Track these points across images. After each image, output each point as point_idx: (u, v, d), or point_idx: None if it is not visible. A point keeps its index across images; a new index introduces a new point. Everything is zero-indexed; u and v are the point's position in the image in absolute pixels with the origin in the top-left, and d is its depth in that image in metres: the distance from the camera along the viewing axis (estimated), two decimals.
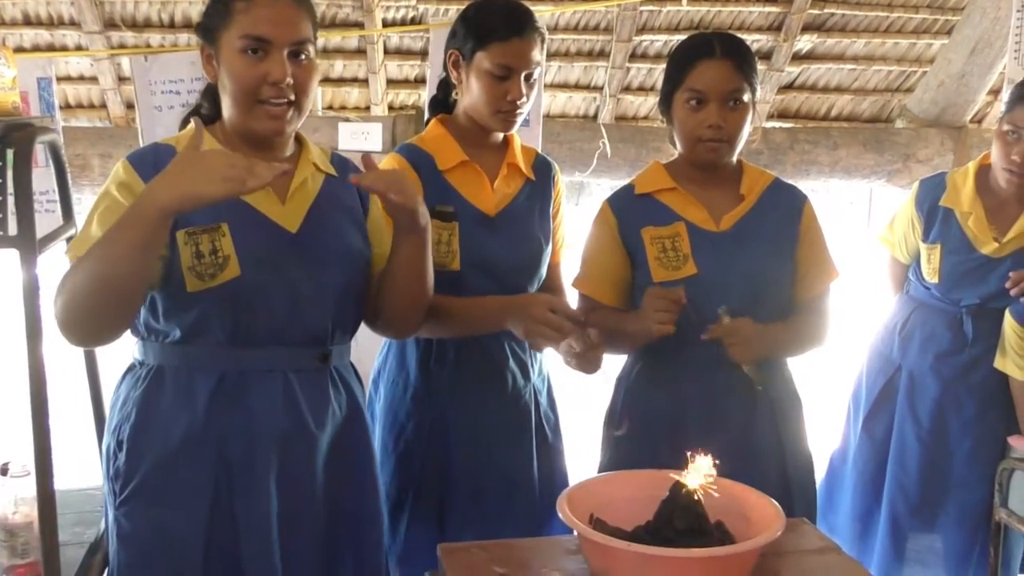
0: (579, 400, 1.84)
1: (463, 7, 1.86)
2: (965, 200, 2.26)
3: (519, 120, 1.82)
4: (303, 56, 1.46)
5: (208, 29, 1.47)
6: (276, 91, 1.43)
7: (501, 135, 1.89)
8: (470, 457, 1.85)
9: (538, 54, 1.78)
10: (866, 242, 2.62)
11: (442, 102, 1.92)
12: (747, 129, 1.81)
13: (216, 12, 1.46)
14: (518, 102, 1.77)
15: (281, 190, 1.50)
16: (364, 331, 1.70)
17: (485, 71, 1.76)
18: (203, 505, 1.45)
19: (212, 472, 1.45)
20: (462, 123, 1.86)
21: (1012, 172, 2.16)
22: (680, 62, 1.80)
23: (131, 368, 1.54)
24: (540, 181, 1.94)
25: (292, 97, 1.45)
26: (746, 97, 1.77)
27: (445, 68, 1.85)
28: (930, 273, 2.30)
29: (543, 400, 1.96)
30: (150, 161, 1.44)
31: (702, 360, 1.78)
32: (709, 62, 1.75)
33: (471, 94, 1.80)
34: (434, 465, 1.86)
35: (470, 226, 1.82)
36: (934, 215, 2.31)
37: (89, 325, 1.38)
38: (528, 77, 1.78)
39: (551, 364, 1.98)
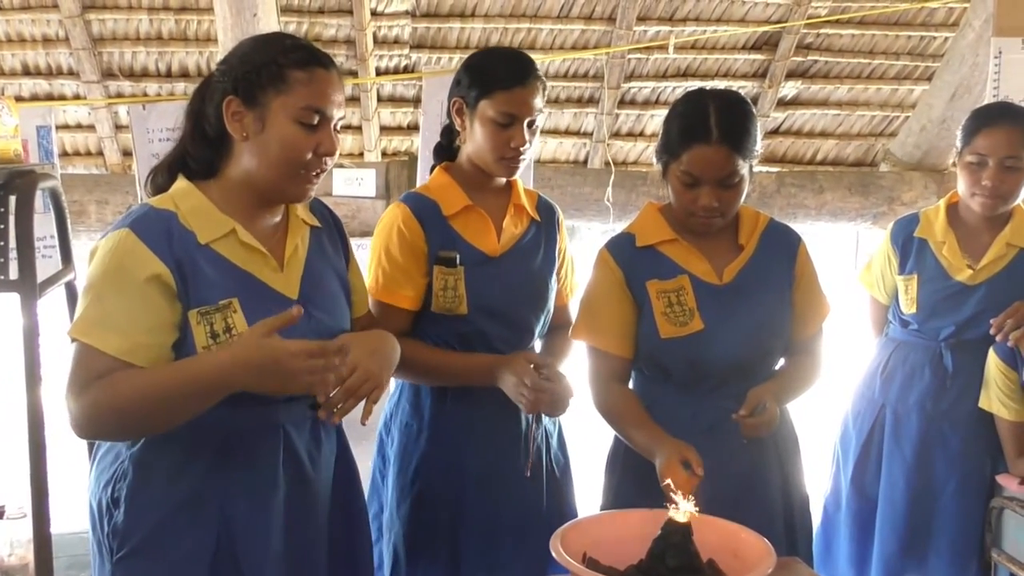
0: (590, 443, 1.83)
1: (454, 56, 1.90)
2: (938, 231, 2.31)
3: (522, 166, 1.86)
4: (338, 128, 1.51)
5: (251, 89, 1.43)
6: (320, 162, 1.47)
7: (504, 179, 1.92)
8: (483, 499, 1.86)
9: (540, 101, 1.81)
10: (852, 285, 2.65)
11: (447, 148, 1.95)
12: (743, 196, 1.77)
13: (267, 76, 1.42)
14: (521, 148, 1.81)
15: (278, 255, 1.50)
16: None
17: (489, 119, 1.79)
18: (205, 560, 1.43)
19: (214, 528, 1.44)
20: (466, 169, 1.89)
21: (985, 196, 2.21)
22: (677, 137, 1.73)
23: None
24: (545, 222, 1.98)
25: (328, 167, 1.49)
26: (743, 172, 1.72)
27: (449, 115, 1.88)
28: (908, 304, 2.33)
29: (554, 443, 1.97)
30: (158, 231, 1.39)
31: (707, 408, 1.77)
32: (705, 148, 1.68)
33: (475, 141, 1.83)
34: (448, 507, 1.86)
35: (475, 269, 1.84)
36: (909, 247, 2.36)
37: (113, 436, 1.42)
38: (531, 124, 1.81)
39: None
